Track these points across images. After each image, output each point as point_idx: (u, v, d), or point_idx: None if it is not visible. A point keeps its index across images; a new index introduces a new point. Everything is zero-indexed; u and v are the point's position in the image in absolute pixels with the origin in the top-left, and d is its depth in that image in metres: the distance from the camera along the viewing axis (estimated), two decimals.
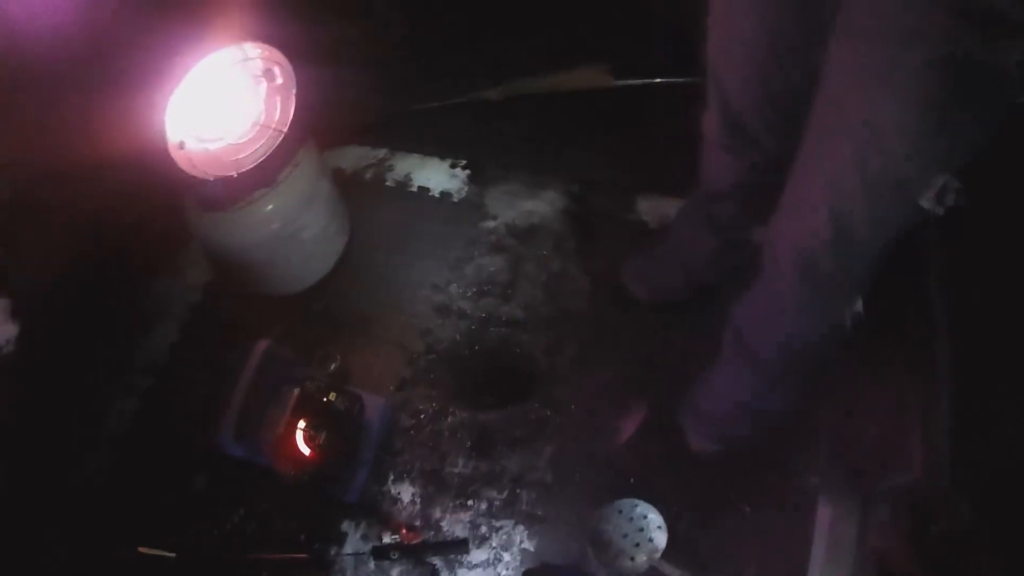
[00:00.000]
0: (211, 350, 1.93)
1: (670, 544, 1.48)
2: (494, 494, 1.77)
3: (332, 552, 1.72)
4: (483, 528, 1.74)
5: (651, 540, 1.49)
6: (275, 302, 2.00)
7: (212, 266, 2.06)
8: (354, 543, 1.74)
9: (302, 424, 1.68)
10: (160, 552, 1.64)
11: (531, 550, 1.71)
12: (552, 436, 1.82)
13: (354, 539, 1.74)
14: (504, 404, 1.86)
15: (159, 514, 1.80)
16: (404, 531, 1.71)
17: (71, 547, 1.76)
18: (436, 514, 1.76)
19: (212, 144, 1.70)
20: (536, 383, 1.88)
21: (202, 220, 1.83)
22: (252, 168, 1.72)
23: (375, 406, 1.81)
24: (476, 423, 1.85)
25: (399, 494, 1.79)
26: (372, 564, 1.70)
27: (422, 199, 2.14)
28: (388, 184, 2.17)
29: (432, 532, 1.74)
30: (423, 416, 1.87)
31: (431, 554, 1.70)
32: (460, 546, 1.70)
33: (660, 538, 1.49)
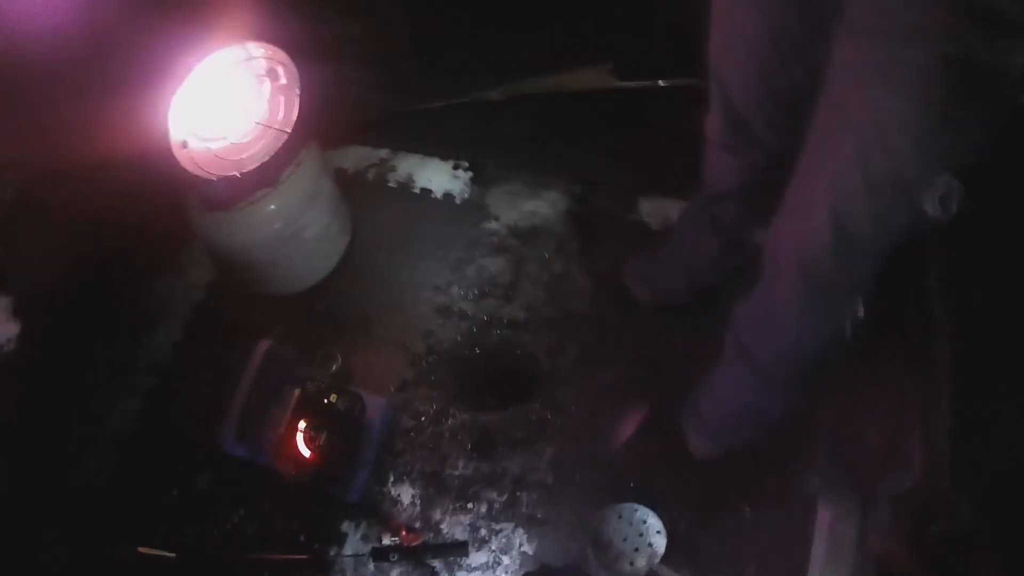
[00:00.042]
0: (213, 350, 1.93)
1: (670, 545, 1.47)
2: (494, 496, 1.77)
3: (332, 553, 1.72)
4: (483, 531, 1.73)
5: (650, 544, 1.49)
6: (277, 302, 2.01)
7: (215, 265, 2.06)
8: (354, 544, 1.73)
9: (303, 424, 1.68)
10: (160, 552, 1.64)
11: (530, 553, 1.70)
12: (553, 438, 1.81)
13: (354, 540, 1.74)
14: (505, 405, 1.86)
15: (160, 514, 1.80)
16: (404, 533, 1.70)
17: (71, 547, 1.76)
18: (436, 516, 1.76)
19: (215, 144, 1.71)
20: (537, 384, 1.87)
21: (205, 219, 1.83)
22: (255, 168, 1.73)
23: (376, 407, 1.81)
24: (477, 424, 1.84)
25: (399, 495, 1.78)
26: (372, 566, 1.70)
27: (424, 200, 2.14)
28: (390, 184, 2.17)
29: (432, 534, 1.74)
30: (424, 417, 1.87)
31: (430, 556, 1.70)
32: (460, 548, 1.70)
33: (659, 542, 1.49)
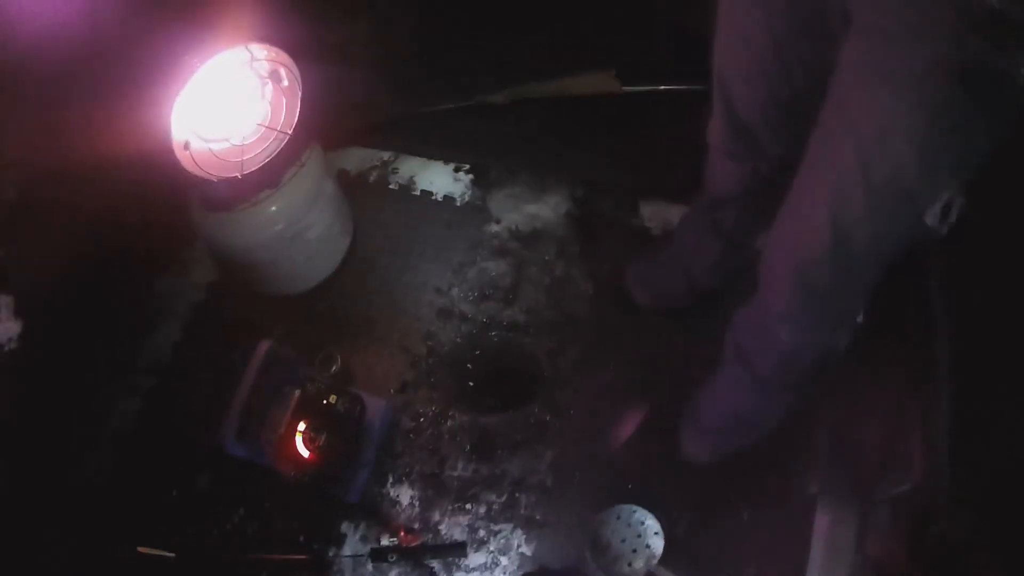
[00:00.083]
0: (214, 350, 1.94)
1: (669, 547, 1.47)
2: (493, 498, 1.77)
3: (331, 553, 1.72)
4: (481, 532, 1.73)
5: (648, 546, 1.48)
6: (278, 302, 2.01)
7: (216, 265, 2.06)
8: (353, 545, 1.73)
9: (303, 425, 1.68)
10: (159, 552, 1.64)
11: (529, 554, 1.70)
12: (552, 440, 1.81)
13: (353, 541, 1.74)
14: (505, 407, 1.86)
15: (160, 514, 1.80)
16: (403, 534, 1.70)
17: (71, 547, 1.76)
18: (435, 517, 1.76)
19: (217, 145, 1.71)
20: (537, 386, 1.87)
21: (206, 220, 1.84)
22: (257, 169, 1.73)
23: (376, 408, 1.81)
24: (477, 426, 1.84)
25: (398, 496, 1.78)
26: (370, 566, 1.70)
27: (425, 202, 2.15)
28: (392, 187, 2.18)
29: (431, 535, 1.73)
30: (424, 419, 1.87)
31: (429, 557, 1.70)
32: (458, 549, 1.70)
33: (657, 544, 1.49)
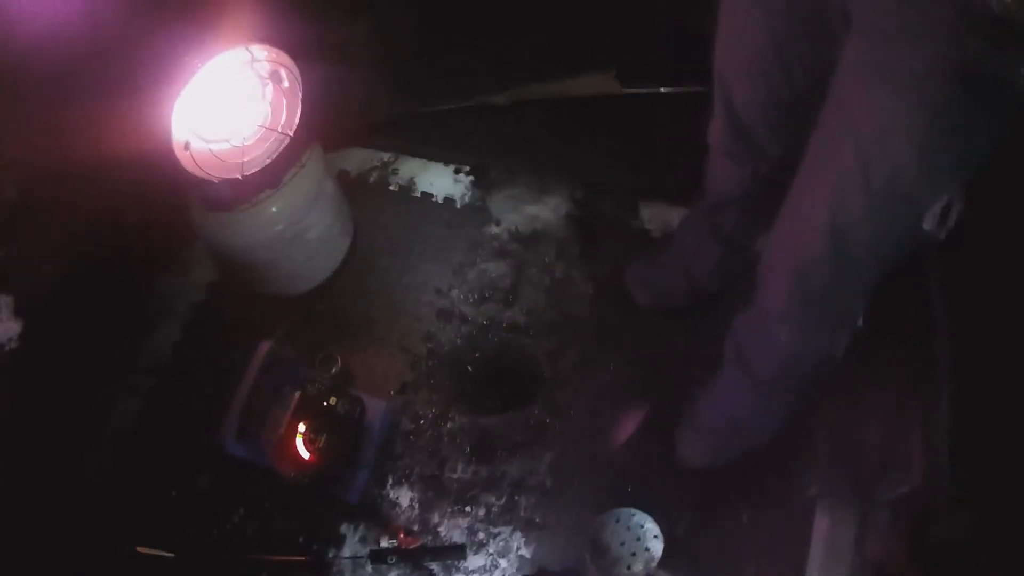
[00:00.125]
0: (214, 350, 1.93)
1: (668, 549, 1.46)
2: (493, 499, 1.76)
3: (330, 554, 1.72)
4: (481, 534, 1.73)
5: (648, 549, 1.48)
6: (278, 302, 2.01)
7: (216, 265, 2.07)
8: (352, 546, 1.73)
9: (303, 426, 1.68)
10: (159, 552, 1.64)
11: (528, 556, 1.70)
12: (552, 442, 1.81)
13: (352, 542, 1.73)
14: (505, 409, 1.86)
15: (160, 514, 1.80)
16: (402, 535, 1.70)
17: (71, 547, 1.76)
18: (434, 519, 1.75)
19: (217, 145, 1.71)
20: (537, 387, 1.87)
21: (207, 220, 1.84)
22: (257, 170, 1.73)
23: (376, 409, 1.81)
24: (476, 428, 1.84)
25: (398, 498, 1.78)
26: (369, 568, 1.70)
27: (425, 203, 2.15)
28: (392, 188, 2.18)
29: (430, 537, 1.73)
30: (424, 420, 1.86)
31: (428, 559, 1.69)
32: (457, 552, 1.69)
33: (657, 547, 1.48)
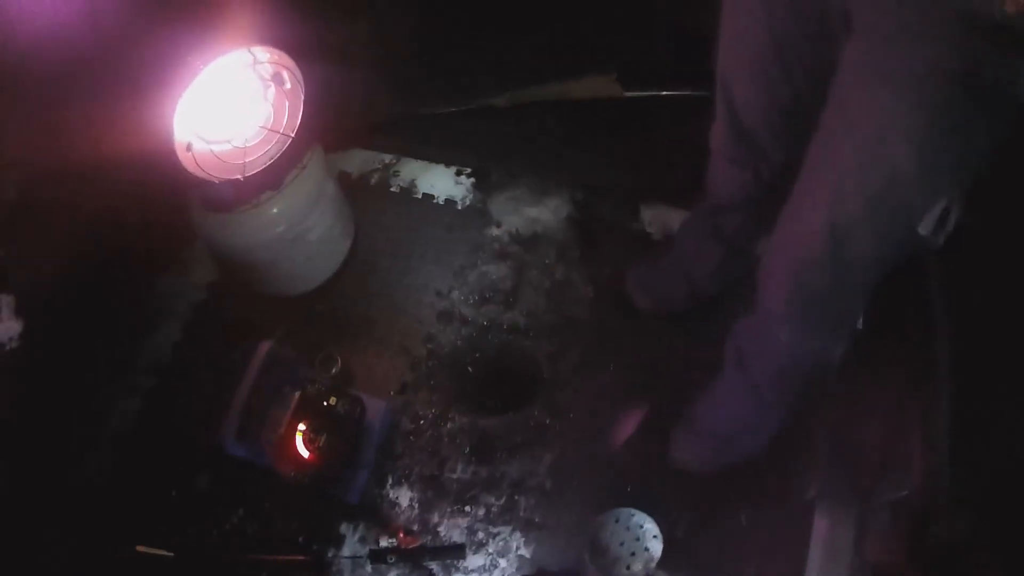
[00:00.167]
0: (214, 350, 1.93)
1: (668, 549, 1.47)
2: (492, 500, 1.76)
3: (330, 554, 1.72)
4: (480, 534, 1.73)
5: (647, 549, 1.48)
6: (279, 302, 2.01)
7: (217, 265, 2.07)
8: (352, 546, 1.73)
9: (303, 426, 1.68)
10: (158, 551, 1.64)
11: (527, 556, 1.70)
12: (552, 443, 1.81)
13: (352, 542, 1.73)
14: (505, 410, 1.86)
15: (160, 514, 1.80)
16: (402, 535, 1.70)
17: (71, 547, 1.76)
18: (434, 519, 1.75)
19: (219, 146, 1.71)
20: (537, 388, 1.87)
21: (208, 221, 1.84)
22: (259, 171, 1.73)
23: (376, 409, 1.81)
24: (476, 428, 1.84)
25: (398, 498, 1.78)
26: (369, 567, 1.69)
27: (426, 205, 2.15)
28: (393, 189, 2.18)
29: (429, 537, 1.73)
30: (423, 421, 1.86)
31: (428, 559, 1.69)
32: (457, 551, 1.69)
33: (656, 547, 1.49)
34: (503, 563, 1.70)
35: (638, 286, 1.92)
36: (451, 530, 1.74)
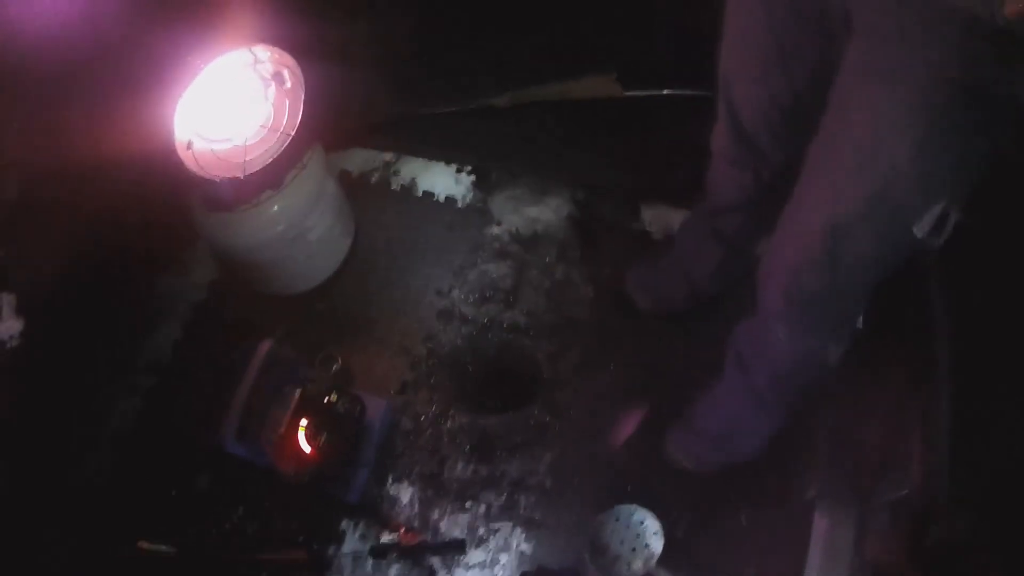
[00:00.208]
0: (214, 350, 1.93)
1: (668, 549, 1.47)
2: (493, 498, 1.77)
3: (331, 552, 1.72)
4: (481, 530, 1.73)
5: (647, 546, 1.48)
6: (279, 302, 2.01)
7: (217, 265, 2.07)
8: (353, 543, 1.73)
9: (303, 425, 1.68)
10: (159, 548, 1.64)
11: (528, 553, 1.70)
12: (552, 442, 1.81)
13: (353, 539, 1.74)
14: (505, 409, 1.86)
15: (160, 514, 1.80)
16: (403, 532, 1.71)
17: (71, 547, 1.76)
18: (435, 516, 1.76)
19: (219, 145, 1.72)
20: (537, 387, 1.88)
21: (208, 220, 1.84)
22: (259, 170, 1.73)
23: (376, 408, 1.81)
24: (476, 427, 1.84)
25: (398, 496, 1.78)
26: (370, 564, 1.70)
27: (427, 204, 2.15)
28: (393, 188, 2.18)
29: (430, 534, 1.74)
30: (424, 419, 1.87)
31: (429, 555, 1.70)
32: (458, 547, 1.70)
33: (657, 544, 1.49)
34: (504, 559, 1.70)
35: (638, 286, 1.92)
36: (452, 527, 1.74)
